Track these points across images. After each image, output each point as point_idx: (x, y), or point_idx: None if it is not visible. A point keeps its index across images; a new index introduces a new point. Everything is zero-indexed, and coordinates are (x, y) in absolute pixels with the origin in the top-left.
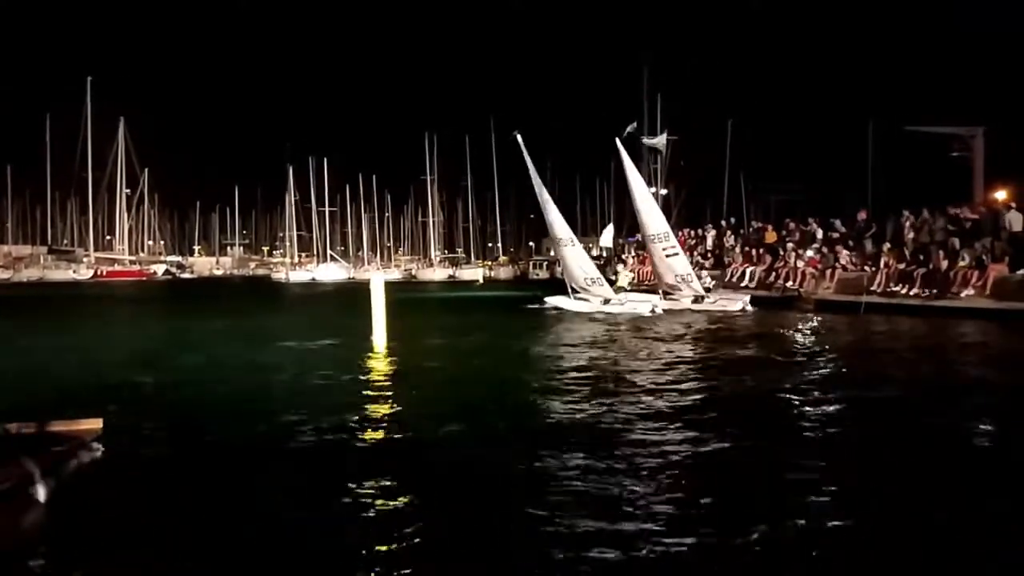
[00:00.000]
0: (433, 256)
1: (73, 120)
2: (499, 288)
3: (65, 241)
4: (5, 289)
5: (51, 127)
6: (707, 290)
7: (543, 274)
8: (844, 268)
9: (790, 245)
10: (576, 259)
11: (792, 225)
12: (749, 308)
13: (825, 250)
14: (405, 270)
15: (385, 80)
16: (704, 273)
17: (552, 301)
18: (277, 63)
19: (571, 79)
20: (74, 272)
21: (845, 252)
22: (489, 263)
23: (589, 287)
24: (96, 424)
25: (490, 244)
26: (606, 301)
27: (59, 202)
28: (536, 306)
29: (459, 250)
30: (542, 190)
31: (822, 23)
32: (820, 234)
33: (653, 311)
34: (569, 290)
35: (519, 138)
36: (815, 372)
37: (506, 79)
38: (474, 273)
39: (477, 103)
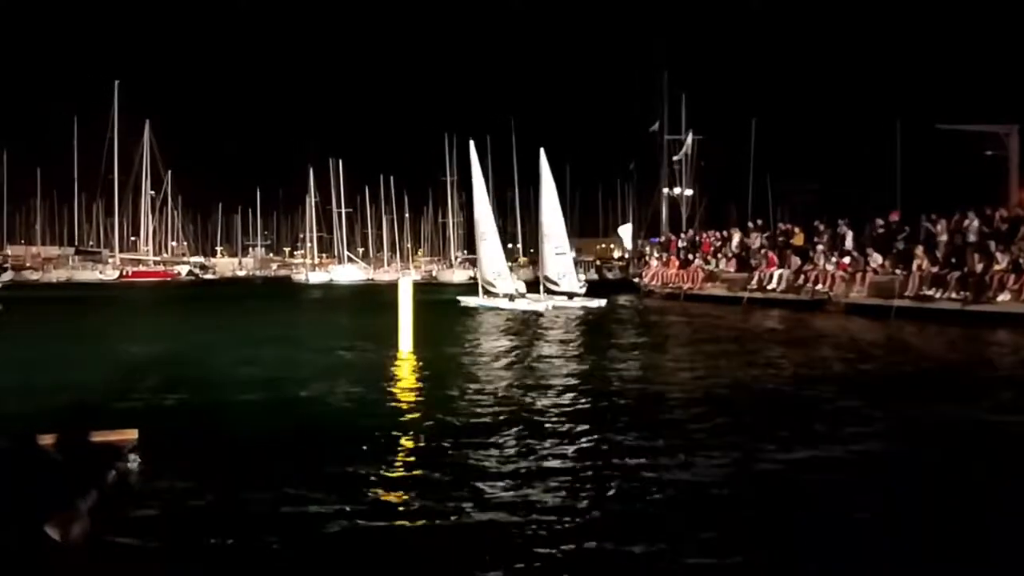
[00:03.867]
0: (453, 258)
1: (100, 123)
2: None
3: (91, 242)
4: (35, 289)
5: (78, 130)
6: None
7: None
8: (875, 271)
9: (820, 247)
10: (488, 253)
11: (821, 227)
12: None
13: (856, 253)
14: (425, 271)
15: (405, 81)
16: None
17: (464, 301)
18: (298, 66)
19: (592, 80)
20: (100, 273)
21: (876, 255)
22: (509, 264)
23: (495, 280)
24: (132, 434)
25: (510, 245)
26: (511, 298)
27: (85, 204)
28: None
29: None
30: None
31: (850, 19)
32: (850, 236)
33: (548, 309)
34: (480, 288)
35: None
36: (839, 377)
37: (526, 80)
38: None
39: (497, 104)
